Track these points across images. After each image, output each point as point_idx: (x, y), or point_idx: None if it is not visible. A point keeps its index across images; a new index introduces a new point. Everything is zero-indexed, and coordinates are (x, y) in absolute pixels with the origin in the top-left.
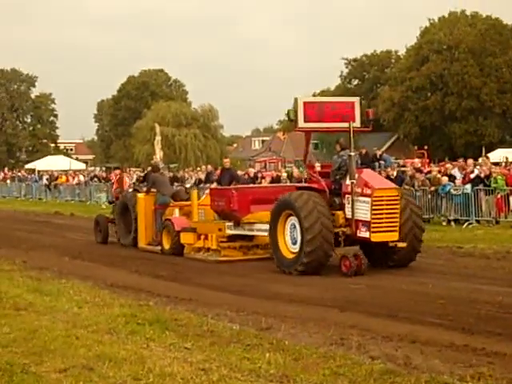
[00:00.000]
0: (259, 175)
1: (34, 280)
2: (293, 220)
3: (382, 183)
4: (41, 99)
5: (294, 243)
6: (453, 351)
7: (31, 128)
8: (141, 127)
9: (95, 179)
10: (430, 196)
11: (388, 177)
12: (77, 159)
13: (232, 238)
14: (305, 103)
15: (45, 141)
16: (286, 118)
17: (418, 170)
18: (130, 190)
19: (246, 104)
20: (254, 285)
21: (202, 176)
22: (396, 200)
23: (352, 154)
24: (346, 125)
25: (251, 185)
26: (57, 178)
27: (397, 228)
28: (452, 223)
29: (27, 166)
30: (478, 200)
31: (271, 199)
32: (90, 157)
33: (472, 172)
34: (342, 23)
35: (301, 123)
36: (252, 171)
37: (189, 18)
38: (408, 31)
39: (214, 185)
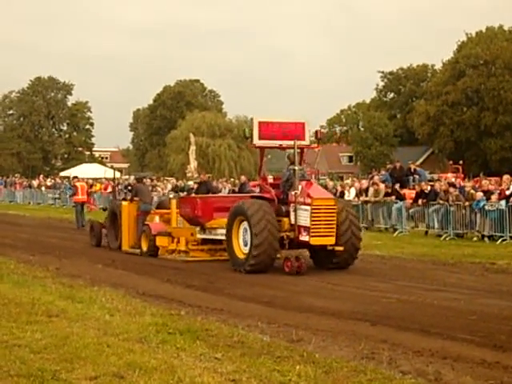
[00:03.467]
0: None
1: (66, 287)
2: (245, 225)
3: (320, 194)
4: (77, 107)
5: (246, 245)
6: (484, 368)
7: (67, 136)
8: (175, 137)
9: (129, 187)
10: (464, 211)
11: (422, 191)
12: (111, 167)
13: (204, 242)
14: (259, 123)
15: (80, 149)
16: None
17: (452, 185)
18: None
19: (280, 115)
20: (286, 297)
21: (236, 188)
22: (333, 209)
23: (296, 168)
24: (298, 143)
25: (214, 194)
26: (91, 186)
27: (333, 233)
28: (486, 239)
29: (62, 174)
30: None
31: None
32: (125, 165)
33: (508, 188)
34: (378, 36)
35: (255, 140)
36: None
37: (226, 29)
38: (445, 45)
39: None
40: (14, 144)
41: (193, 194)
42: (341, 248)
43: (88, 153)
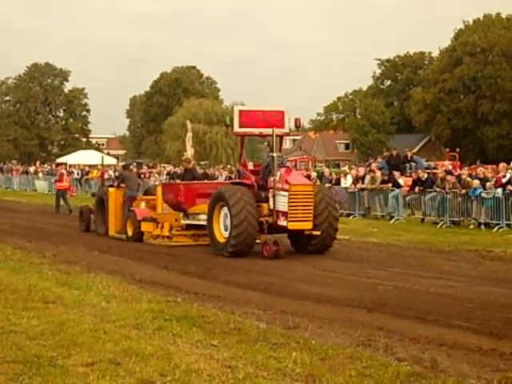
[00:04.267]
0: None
1: (62, 274)
2: (225, 210)
3: (298, 180)
4: (74, 94)
5: (226, 229)
6: (480, 355)
7: (63, 122)
8: (172, 124)
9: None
10: (460, 199)
11: (419, 178)
12: (108, 154)
13: (188, 227)
14: (240, 111)
15: (77, 135)
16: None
17: (449, 173)
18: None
19: (277, 103)
20: (282, 284)
21: (232, 175)
22: (310, 194)
23: (274, 155)
24: (276, 130)
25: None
26: (88, 173)
27: (311, 218)
28: (482, 227)
29: (58, 160)
30: (509, 204)
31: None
32: (122, 152)
33: (504, 176)
34: (376, 23)
35: (236, 128)
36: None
37: (222, 16)
38: (442, 33)
39: None
40: (11, 130)
41: (177, 181)
42: (318, 232)
43: (84, 139)
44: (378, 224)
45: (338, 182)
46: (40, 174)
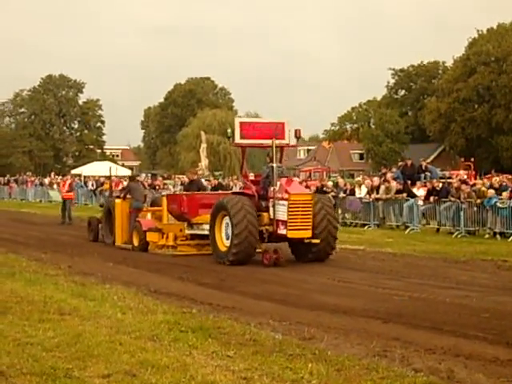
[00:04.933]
0: (304, 184)
1: (78, 285)
2: (227, 219)
3: (298, 189)
4: (88, 105)
5: (227, 238)
6: (497, 366)
7: (78, 134)
8: (186, 135)
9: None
10: (475, 208)
11: (434, 188)
12: (123, 165)
13: (193, 237)
14: (241, 123)
15: (91, 146)
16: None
17: (464, 182)
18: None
19: (291, 113)
20: (297, 294)
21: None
22: (309, 203)
23: (274, 165)
24: (276, 142)
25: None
26: (102, 184)
27: (310, 227)
28: (497, 236)
29: (73, 172)
30: None
31: None
32: (136, 163)
33: None
34: (389, 33)
35: (237, 139)
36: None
37: (237, 28)
38: (456, 42)
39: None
40: (26, 142)
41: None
42: (317, 241)
43: (99, 151)
44: (393, 234)
45: (352, 192)
46: (55, 186)
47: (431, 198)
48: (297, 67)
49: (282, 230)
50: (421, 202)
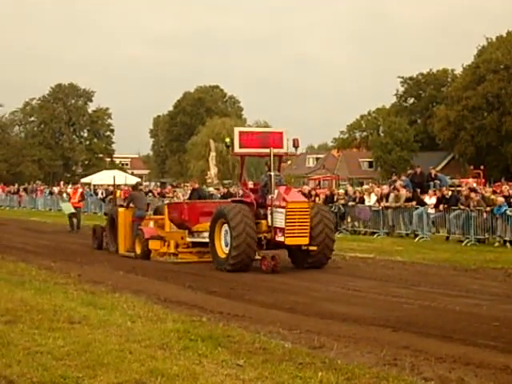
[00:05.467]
0: (313, 193)
1: (88, 294)
2: (226, 227)
3: (295, 197)
4: (97, 114)
5: (227, 245)
6: (507, 374)
7: (87, 142)
8: (196, 143)
9: (150, 194)
10: (485, 216)
11: (443, 196)
12: (132, 174)
13: (194, 245)
14: (240, 132)
15: (101, 155)
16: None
17: (473, 190)
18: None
19: (300, 121)
20: (307, 303)
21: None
22: (306, 211)
23: (272, 174)
24: (275, 151)
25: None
26: (112, 193)
27: (307, 234)
28: (508, 244)
29: (83, 180)
30: None
31: None
32: (146, 172)
33: None
34: (398, 41)
35: (236, 149)
36: (307, 188)
37: (244, 36)
38: (465, 50)
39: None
40: (35, 151)
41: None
42: (314, 248)
43: (108, 159)
44: (403, 242)
45: (362, 201)
46: (64, 195)
47: (441, 206)
48: (306, 75)
49: (279, 237)
50: (432, 211)
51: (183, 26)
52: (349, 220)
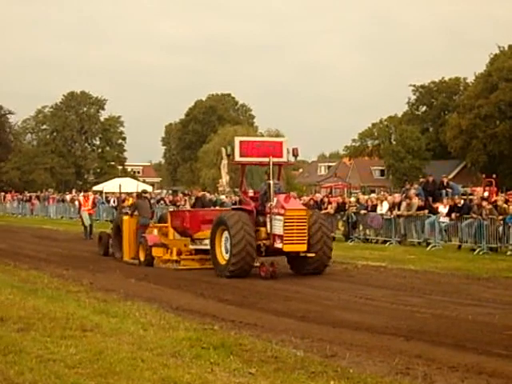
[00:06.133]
0: (325, 200)
1: (100, 301)
2: (226, 234)
3: (293, 205)
4: (110, 122)
5: (227, 252)
6: None
7: (100, 150)
8: (207, 151)
9: (161, 202)
10: (497, 225)
11: (455, 205)
12: (144, 182)
13: (197, 252)
14: (240, 142)
15: (113, 163)
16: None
17: (486, 199)
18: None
19: (312, 129)
20: (319, 311)
21: None
22: (304, 218)
23: (271, 182)
24: (274, 160)
25: (202, 208)
26: (124, 201)
27: (305, 241)
28: None
29: (95, 188)
30: None
31: None
32: (157, 179)
33: None
34: (410, 49)
35: (237, 157)
36: (319, 196)
37: (256, 43)
38: (477, 58)
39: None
40: (48, 159)
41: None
42: (312, 254)
43: (120, 167)
44: (415, 251)
45: (373, 209)
46: (76, 203)
47: (453, 215)
48: (318, 83)
49: (278, 244)
50: (446, 219)
51: (195, 33)
52: (360, 228)
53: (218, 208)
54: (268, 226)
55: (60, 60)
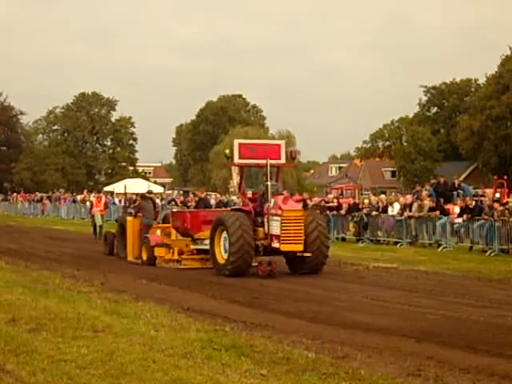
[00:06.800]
0: (335, 201)
1: (111, 302)
2: (225, 234)
3: (290, 206)
4: (121, 123)
5: (226, 252)
6: None
7: (111, 151)
8: (218, 152)
9: (172, 203)
10: (509, 227)
11: (467, 206)
12: (155, 182)
13: (199, 252)
14: (239, 144)
15: (124, 164)
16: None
17: (497, 201)
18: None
19: (323, 130)
20: (330, 312)
21: None
22: (301, 219)
23: (268, 184)
24: (271, 162)
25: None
26: (135, 201)
27: (301, 241)
28: None
29: (106, 189)
30: None
31: None
32: (168, 180)
33: None
34: (421, 50)
35: (236, 159)
36: (330, 197)
37: (268, 44)
38: (489, 60)
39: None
40: (59, 159)
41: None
42: (309, 254)
43: (131, 168)
44: (426, 252)
45: (385, 210)
46: (87, 203)
47: (464, 216)
48: (328, 84)
49: (275, 244)
50: (460, 220)
51: (206, 34)
52: (371, 229)
53: (218, 209)
54: (266, 227)
55: (72, 61)
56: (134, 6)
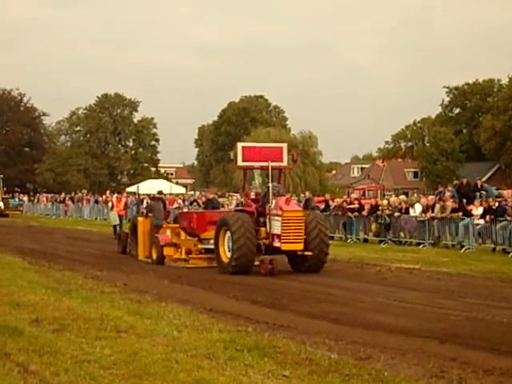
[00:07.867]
0: (357, 203)
1: (134, 303)
2: (229, 234)
3: (290, 206)
4: (143, 123)
5: (229, 251)
6: None
7: (133, 152)
8: None
9: (195, 203)
10: None
11: (490, 207)
12: (177, 183)
13: (207, 251)
14: (243, 147)
15: (146, 164)
16: (381, 152)
17: None
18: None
19: (345, 131)
20: (352, 313)
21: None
22: (301, 219)
23: (270, 185)
24: (273, 164)
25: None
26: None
27: (301, 240)
28: None
29: (128, 190)
30: None
31: None
32: (190, 181)
33: None
34: (444, 51)
35: (239, 162)
36: (353, 198)
37: (290, 45)
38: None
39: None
40: (81, 160)
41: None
42: (309, 253)
43: (154, 169)
44: (449, 253)
45: (407, 211)
46: (109, 204)
47: (487, 217)
48: (351, 85)
49: (276, 243)
50: (482, 221)
51: (229, 36)
52: (394, 230)
53: (223, 210)
54: (267, 226)
55: (95, 63)
56: (157, 7)
